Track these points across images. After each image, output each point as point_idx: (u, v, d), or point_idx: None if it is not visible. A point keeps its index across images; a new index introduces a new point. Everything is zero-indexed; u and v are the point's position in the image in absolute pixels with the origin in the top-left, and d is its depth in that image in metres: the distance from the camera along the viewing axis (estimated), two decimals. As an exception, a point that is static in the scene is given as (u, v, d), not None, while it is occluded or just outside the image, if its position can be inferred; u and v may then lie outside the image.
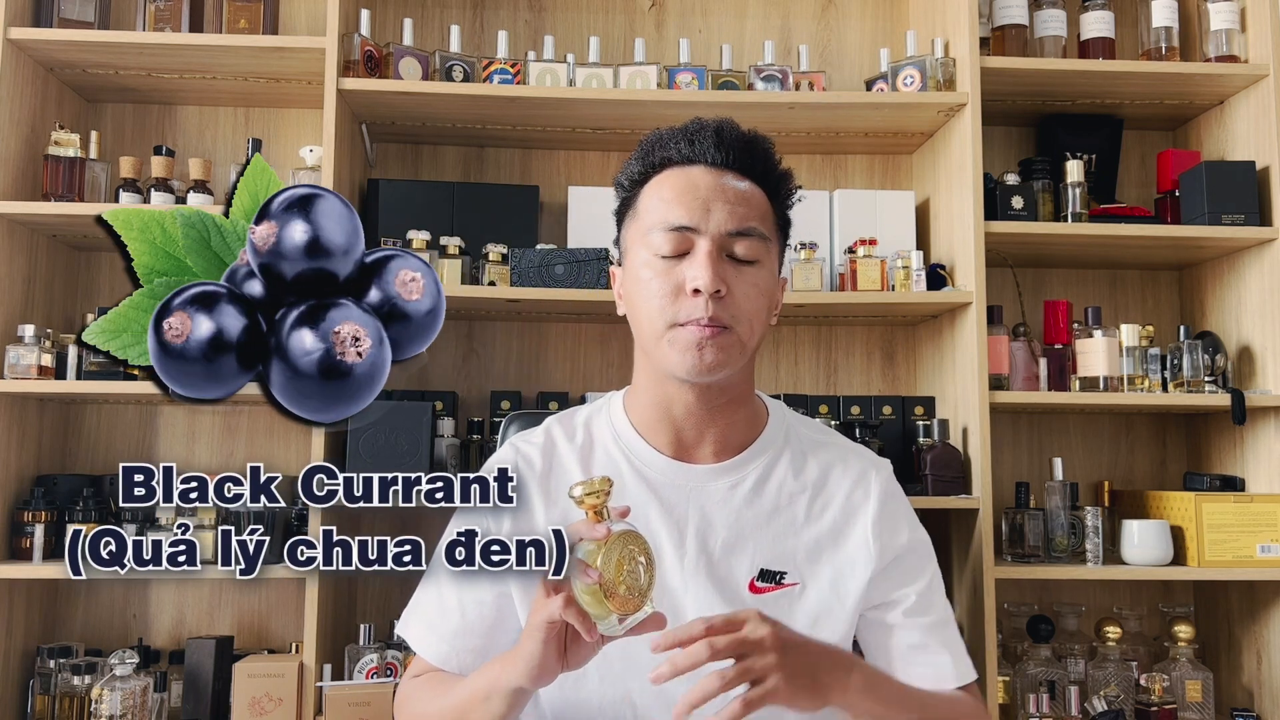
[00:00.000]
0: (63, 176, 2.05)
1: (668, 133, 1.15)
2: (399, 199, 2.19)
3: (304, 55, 2.08)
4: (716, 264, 1.06)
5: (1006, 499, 2.21)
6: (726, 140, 1.12)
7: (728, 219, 1.08)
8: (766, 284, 1.11)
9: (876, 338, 2.42)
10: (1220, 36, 2.19)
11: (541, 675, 0.96)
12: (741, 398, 1.17)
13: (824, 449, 1.21)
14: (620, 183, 1.18)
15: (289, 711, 1.90)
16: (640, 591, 0.91)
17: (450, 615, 1.15)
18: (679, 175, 1.11)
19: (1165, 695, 1.96)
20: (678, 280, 1.07)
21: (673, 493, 1.14)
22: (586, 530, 0.91)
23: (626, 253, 1.16)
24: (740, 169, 1.12)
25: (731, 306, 1.07)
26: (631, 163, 1.16)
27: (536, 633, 0.93)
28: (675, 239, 1.08)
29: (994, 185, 2.14)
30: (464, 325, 2.36)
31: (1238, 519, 1.99)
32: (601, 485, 0.92)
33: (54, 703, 1.98)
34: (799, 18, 2.48)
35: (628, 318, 1.16)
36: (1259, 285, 2.14)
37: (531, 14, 2.44)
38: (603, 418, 1.21)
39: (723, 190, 1.10)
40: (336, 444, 2.03)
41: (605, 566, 0.89)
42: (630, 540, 0.92)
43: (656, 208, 1.11)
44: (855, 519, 1.16)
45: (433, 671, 1.16)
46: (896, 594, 1.15)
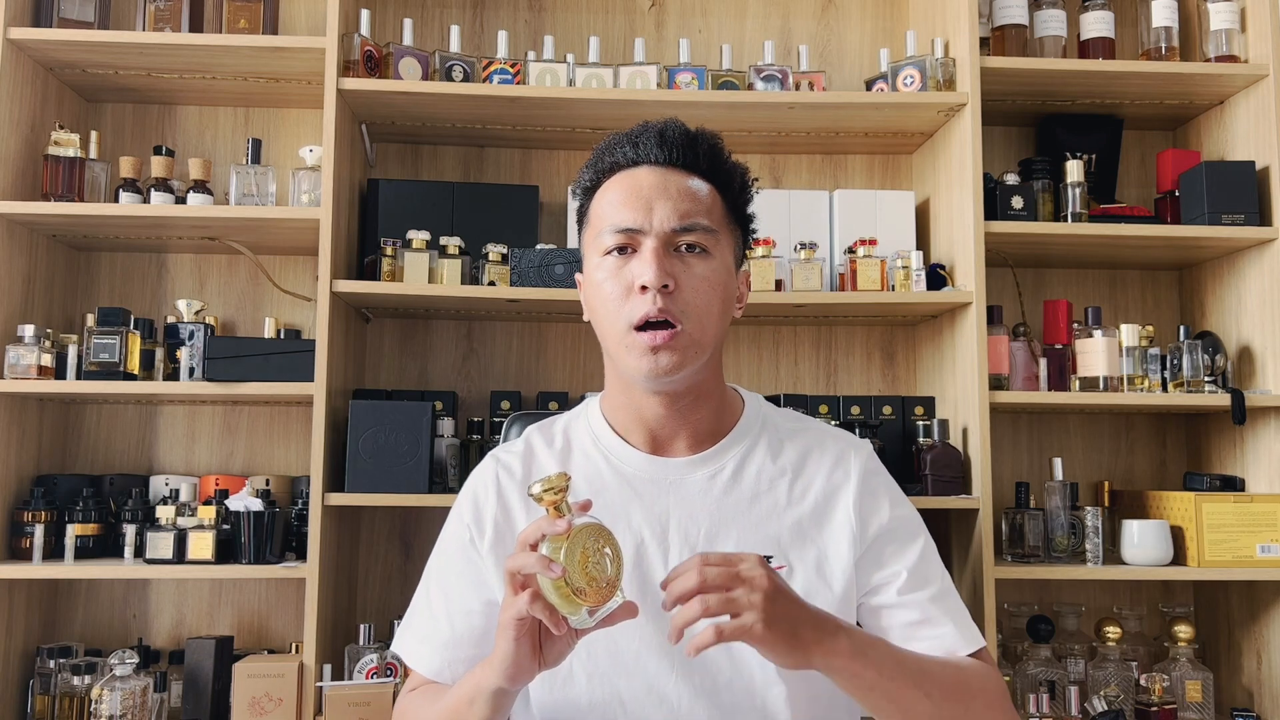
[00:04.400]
0: (63, 176, 2.05)
1: (615, 138, 1.17)
2: (399, 199, 2.19)
3: (304, 55, 2.08)
4: (661, 260, 1.08)
5: (1006, 499, 2.21)
6: (669, 139, 1.14)
7: (670, 215, 1.10)
8: (718, 276, 1.12)
9: (876, 338, 2.42)
10: (1220, 36, 2.19)
11: (518, 674, 0.96)
12: (710, 391, 1.17)
13: (801, 434, 1.22)
14: (574, 192, 1.21)
15: (289, 711, 1.90)
16: (608, 582, 0.92)
17: (440, 627, 1.16)
18: (625, 178, 1.13)
19: (1165, 695, 1.96)
20: (628, 280, 1.09)
21: (652, 488, 1.15)
22: (547, 526, 0.91)
23: (585, 259, 1.18)
24: (685, 165, 1.14)
25: (680, 301, 1.08)
26: (584, 171, 1.19)
27: (507, 630, 0.94)
28: (623, 239, 1.10)
29: (994, 185, 2.14)
30: (464, 325, 2.36)
31: (1238, 519, 1.99)
32: (558, 481, 0.93)
33: (54, 703, 1.98)
34: (799, 18, 2.48)
35: (592, 324, 1.18)
36: (1259, 285, 2.14)
37: (531, 14, 2.44)
38: (580, 421, 1.23)
39: (665, 188, 1.11)
40: (336, 444, 2.03)
41: (569, 561, 0.90)
42: (593, 533, 0.92)
43: (605, 212, 1.13)
44: (837, 499, 1.16)
45: (427, 684, 1.17)
46: (887, 573, 1.14)
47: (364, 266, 2.16)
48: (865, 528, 1.15)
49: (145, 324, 2.10)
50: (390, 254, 2.07)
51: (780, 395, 2.24)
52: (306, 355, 2.00)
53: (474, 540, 1.16)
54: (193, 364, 2.06)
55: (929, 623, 1.12)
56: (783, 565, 1.12)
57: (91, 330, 2.01)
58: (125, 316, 2.05)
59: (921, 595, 1.13)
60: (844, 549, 1.14)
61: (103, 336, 2.01)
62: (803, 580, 1.12)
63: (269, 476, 2.21)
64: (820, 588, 1.12)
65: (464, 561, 1.17)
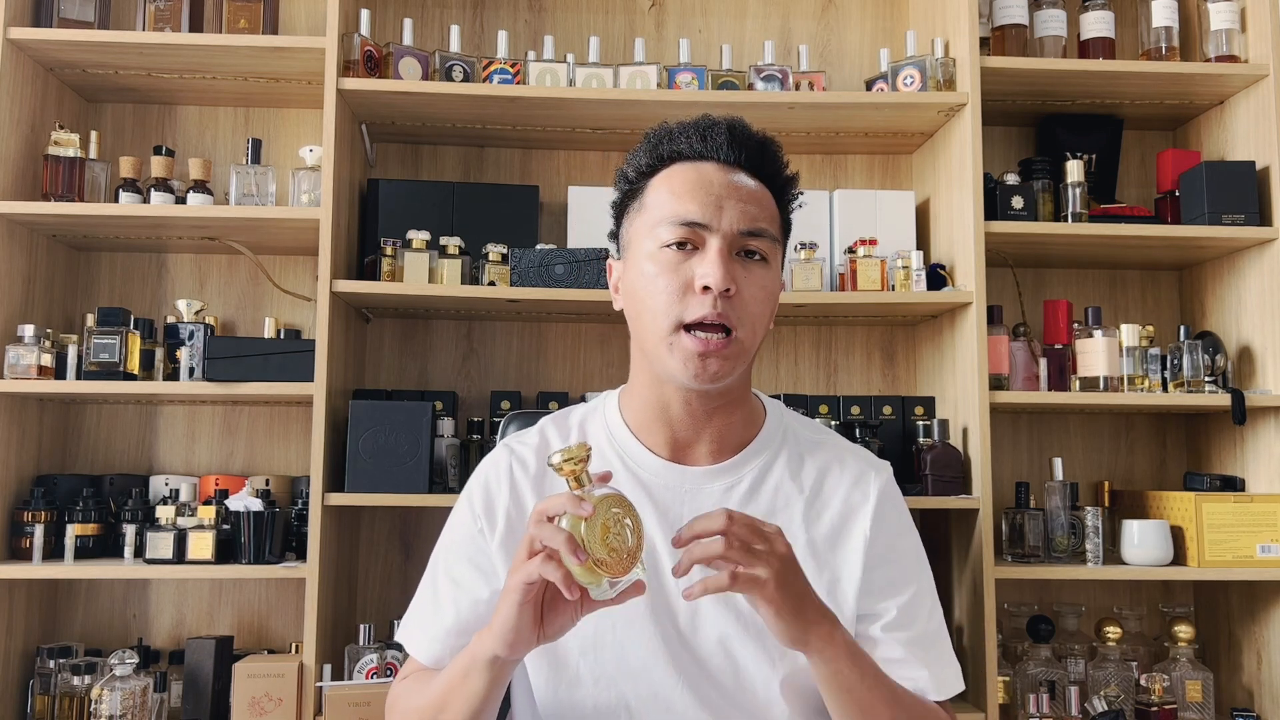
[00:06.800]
0: (63, 176, 2.05)
1: (678, 127, 1.13)
2: (399, 199, 2.19)
3: (304, 55, 2.08)
4: (728, 262, 1.05)
5: (1006, 499, 2.21)
6: (739, 139, 1.11)
7: (740, 218, 1.07)
8: (773, 287, 1.11)
9: (876, 338, 2.42)
10: (1220, 36, 2.19)
11: (517, 642, 0.95)
12: (739, 399, 1.16)
13: (822, 449, 1.19)
14: (625, 174, 1.16)
15: (289, 711, 1.90)
16: (629, 553, 0.91)
17: (445, 615, 1.14)
18: (690, 170, 1.10)
19: (1165, 695, 1.96)
20: (686, 277, 1.06)
21: (667, 495, 1.13)
22: (572, 505, 0.90)
23: (629, 246, 1.14)
24: (751, 169, 1.11)
25: (739, 307, 1.06)
26: (638, 154, 1.14)
27: (513, 595, 0.93)
28: (686, 234, 1.06)
29: (994, 185, 2.14)
30: (464, 325, 2.36)
31: (1238, 519, 1.99)
32: (579, 451, 0.92)
33: (54, 703, 1.98)
34: (799, 18, 2.48)
35: (626, 314, 1.14)
36: (1259, 285, 2.14)
37: (531, 14, 2.44)
38: (598, 418, 1.20)
39: (735, 189, 1.08)
40: (336, 444, 2.03)
41: (590, 532, 0.89)
42: (614, 503, 0.92)
43: (667, 201, 1.09)
44: (853, 520, 1.14)
45: (421, 670, 1.16)
46: (879, 606, 1.13)
47: (364, 266, 2.16)
48: (872, 550, 1.13)
49: (145, 324, 2.10)
50: (390, 254, 2.07)
51: (780, 395, 2.24)
52: (306, 355, 2.00)
53: (484, 531, 1.14)
54: (193, 364, 2.06)
55: (905, 663, 1.11)
56: None
57: (91, 330, 2.01)
58: (125, 316, 2.05)
59: (905, 635, 1.12)
60: (856, 571, 1.13)
61: (103, 336, 2.01)
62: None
63: (269, 476, 2.21)
64: (832, 607, 1.10)
65: (473, 550, 1.15)
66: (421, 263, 2.05)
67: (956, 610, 2.09)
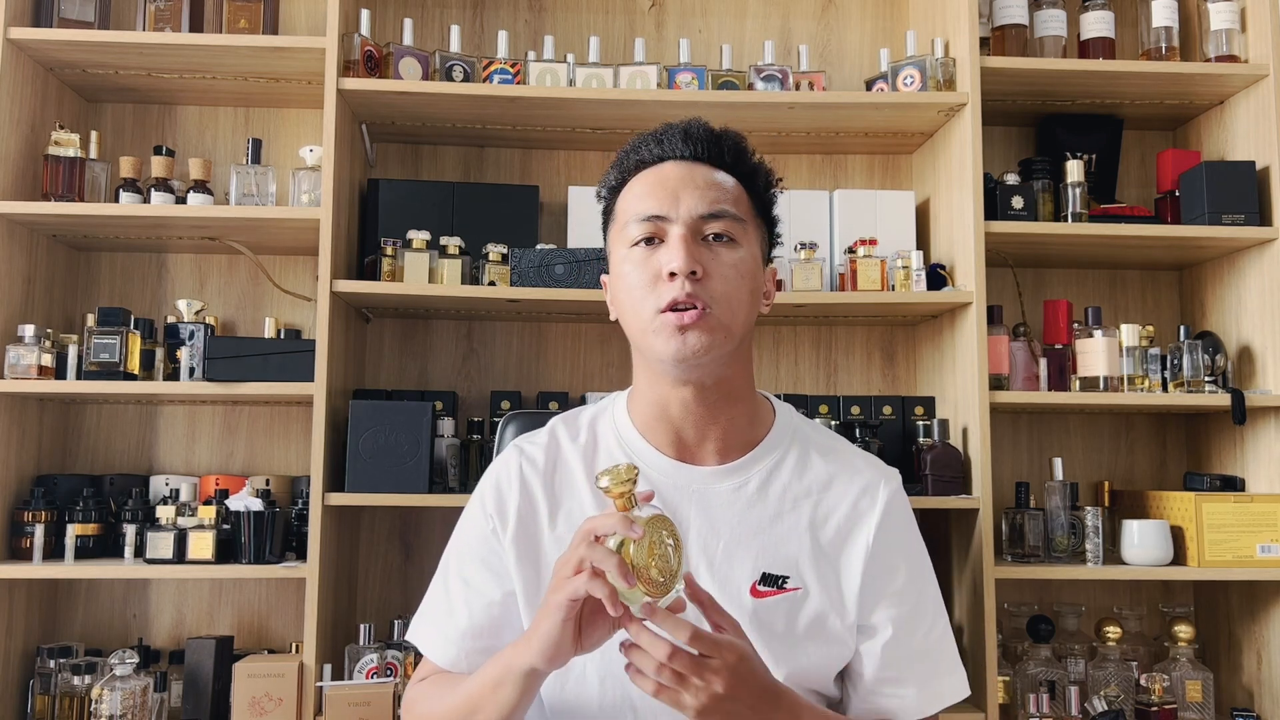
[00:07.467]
0: (63, 176, 2.05)
1: (639, 139, 1.17)
2: (399, 199, 2.19)
3: (304, 55, 2.08)
4: (691, 247, 1.08)
5: (1006, 499, 2.21)
6: (694, 135, 1.15)
7: (698, 202, 1.10)
8: (746, 266, 1.12)
9: (876, 338, 2.42)
10: (1220, 36, 2.19)
11: (557, 655, 0.96)
12: (739, 395, 1.16)
13: (832, 453, 1.20)
14: (600, 194, 1.21)
15: (289, 711, 1.90)
16: (672, 573, 0.93)
17: (458, 617, 1.15)
18: (651, 173, 1.14)
19: (1165, 695, 1.96)
20: (655, 268, 1.09)
21: (675, 494, 1.14)
22: (624, 527, 0.92)
23: (610, 256, 1.19)
24: (710, 160, 1.15)
25: (710, 287, 1.08)
26: (609, 172, 1.20)
27: (556, 612, 0.94)
28: (650, 229, 1.10)
29: (994, 185, 2.14)
30: (464, 325, 2.36)
31: (1238, 519, 1.99)
32: (628, 474, 0.94)
33: (54, 703, 1.98)
34: (799, 18, 2.48)
35: (619, 321, 1.17)
36: (1259, 285, 2.14)
37: (531, 14, 2.44)
38: (606, 418, 1.21)
39: (692, 179, 1.12)
40: (336, 444, 2.03)
41: (638, 553, 0.91)
42: (659, 524, 0.94)
43: (631, 205, 1.13)
44: (860, 527, 1.14)
45: (440, 673, 1.16)
46: (874, 618, 1.13)
47: (364, 266, 2.16)
48: (873, 560, 1.14)
49: (145, 324, 2.10)
50: (390, 254, 2.07)
51: (780, 395, 2.24)
52: (306, 355, 2.00)
53: (496, 531, 1.15)
54: (193, 364, 2.06)
55: (897, 681, 1.13)
56: (798, 587, 1.11)
57: (91, 330, 2.01)
58: (125, 316, 2.05)
59: (900, 653, 1.13)
60: (856, 580, 1.13)
61: (103, 336, 2.01)
62: (818, 605, 1.11)
63: (269, 476, 2.21)
64: (835, 613, 1.12)
65: (486, 551, 1.16)
66: (421, 263, 2.05)
67: (957, 610, 2.09)
